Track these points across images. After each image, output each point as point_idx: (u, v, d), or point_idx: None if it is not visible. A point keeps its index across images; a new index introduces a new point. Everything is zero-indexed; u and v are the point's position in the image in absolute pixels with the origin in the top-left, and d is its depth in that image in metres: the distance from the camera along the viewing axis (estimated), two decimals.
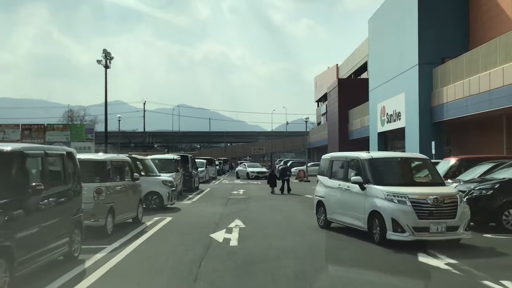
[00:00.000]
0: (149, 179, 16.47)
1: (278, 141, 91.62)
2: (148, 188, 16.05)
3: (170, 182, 17.38)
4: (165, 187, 16.82)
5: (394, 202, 9.80)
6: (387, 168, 11.55)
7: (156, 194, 16.53)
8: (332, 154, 14.04)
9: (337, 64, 69.38)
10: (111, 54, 48.62)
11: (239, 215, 14.78)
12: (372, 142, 39.79)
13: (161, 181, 16.87)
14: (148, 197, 16.19)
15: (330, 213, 12.17)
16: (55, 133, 57.17)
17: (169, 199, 16.76)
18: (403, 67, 31.58)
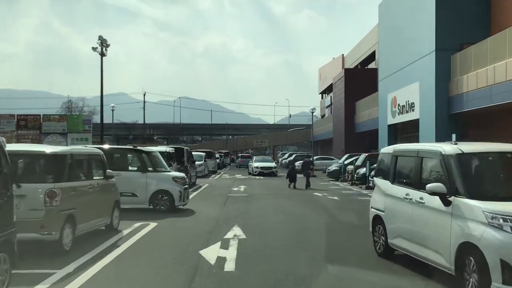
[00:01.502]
0: (157, 175, 14.60)
1: (280, 134, 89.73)
2: (156, 185, 14.33)
3: (182, 178, 15.18)
4: (176, 184, 14.66)
5: (505, 231, 5.83)
6: (488, 170, 7.33)
7: (166, 193, 14.37)
8: (397, 146, 9.52)
9: (343, 54, 67.07)
10: (107, 41, 46.47)
11: (239, 220, 12.64)
12: (382, 135, 37.61)
13: (171, 177, 14.75)
14: (156, 197, 14.25)
15: (393, 237, 8.21)
16: (51, 124, 55.01)
17: (181, 199, 14.61)
18: (417, 54, 29.30)
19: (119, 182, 12.32)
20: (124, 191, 12.88)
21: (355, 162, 27.81)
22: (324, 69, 78.46)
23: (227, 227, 11.30)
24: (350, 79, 50.90)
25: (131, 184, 13.77)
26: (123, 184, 12.71)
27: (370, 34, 52.36)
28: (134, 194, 13.94)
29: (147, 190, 14.14)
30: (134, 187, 13.92)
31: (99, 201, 9.89)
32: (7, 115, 56.86)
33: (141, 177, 14.22)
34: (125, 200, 12.85)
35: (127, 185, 13.42)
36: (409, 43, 30.90)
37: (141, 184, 14.12)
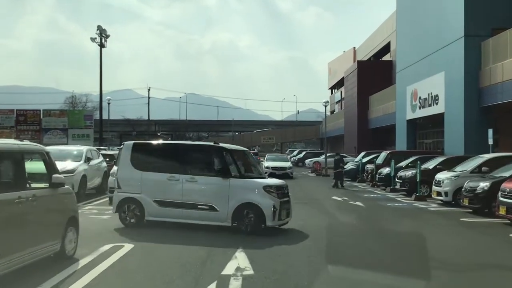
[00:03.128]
0: (244, 182, 10.64)
1: (289, 131, 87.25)
2: (241, 196, 10.42)
3: (279, 188, 10.84)
4: (269, 196, 10.39)
5: None
6: None
7: (253, 208, 10.33)
8: None
9: (354, 47, 64.39)
10: (106, 32, 44.22)
11: (243, 239, 9.53)
12: (400, 131, 35.01)
13: (261, 186, 10.51)
14: (240, 212, 10.38)
15: None
16: (52, 120, 53.02)
17: (275, 217, 10.32)
18: (442, 41, 26.62)
19: (192, 190, 10.61)
20: (200, 203, 10.52)
21: (375, 160, 25.12)
22: (334, 63, 75.81)
23: (227, 251, 8.35)
24: (363, 72, 48.28)
25: (208, 193, 10.62)
26: (197, 193, 10.63)
27: (384, 25, 49.76)
28: (212, 207, 10.46)
29: (229, 203, 10.38)
30: (212, 197, 10.52)
31: (38, 220, 6.70)
32: (6, 110, 54.70)
33: (222, 185, 10.50)
34: (200, 215, 10.51)
35: (203, 195, 10.63)
36: (432, 30, 28.26)
37: (222, 194, 10.44)
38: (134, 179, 10.89)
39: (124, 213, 10.93)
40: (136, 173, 10.92)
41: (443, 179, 16.26)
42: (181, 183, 10.60)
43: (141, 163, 11.04)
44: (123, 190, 11.01)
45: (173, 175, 10.67)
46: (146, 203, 10.69)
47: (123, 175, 11.14)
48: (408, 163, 21.88)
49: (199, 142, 13.16)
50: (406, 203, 17.08)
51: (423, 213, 14.85)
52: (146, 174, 10.91)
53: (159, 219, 10.71)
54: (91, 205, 14.76)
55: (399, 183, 19.96)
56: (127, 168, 11.08)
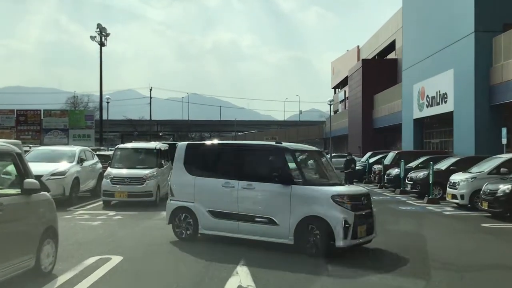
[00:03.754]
0: (309, 190, 8.54)
1: (292, 130, 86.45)
2: (305, 208, 8.37)
3: (356, 197, 8.66)
4: (340, 208, 8.22)
5: None
6: None
7: (319, 223, 8.26)
8: None
9: (358, 46, 63.44)
10: (106, 30, 43.48)
11: (246, 250, 8.56)
12: (406, 131, 34.09)
13: (330, 195, 8.35)
14: (304, 228, 8.33)
15: None
16: (52, 120, 52.59)
17: (347, 235, 8.09)
18: (451, 37, 25.71)
19: (249, 199, 8.95)
20: (257, 215, 8.74)
21: (382, 160, 24.16)
22: (337, 62, 74.90)
23: (227, 266, 7.35)
24: (368, 71, 47.36)
25: (266, 203, 8.82)
26: (255, 203, 8.91)
27: (389, 23, 48.86)
28: (271, 220, 8.60)
29: (291, 216, 8.42)
30: (271, 208, 8.68)
31: (6, 232, 5.74)
32: (6, 111, 54.12)
33: (283, 193, 8.58)
34: (257, 230, 8.71)
35: (261, 205, 8.86)
36: (441, 26, 27.35)
37: (282, 205, 8.55)
38: (187, 185, 9.55)
39: (178, 225, 9.57)
40: (189, 178, 9.59)
41: (458, 181, 15.32)
42: (236, 191, 8.98)
43: (194, 167, 9.70)
44: (176, 198, 9.74)
45: (228, 181, 9.09)
46: (199, 213, 9.29)
47: (176, 181, 9.88)
48: (418, 164, 20.95)
49: (259, 142, 11.30)
50: (419, 206, 16.11)
51: (439, 217, 13.83)
52: (200, 179, 9.50)
53: (214, 233, 9.24)
54: (83, 210, 13.85)
55: (410, 185, 19.01)
56: (180, 172, 9.78)
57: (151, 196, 14.68)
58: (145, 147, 16.98)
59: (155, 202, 14.82)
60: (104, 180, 14.80)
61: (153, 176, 14.91)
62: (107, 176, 14.78)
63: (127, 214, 12.93)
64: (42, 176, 13.61)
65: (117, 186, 14.45)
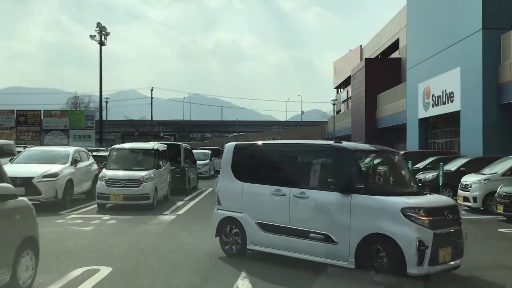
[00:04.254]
0: (374, 201, 6.87)
1: (294, 131, 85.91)
2: (369, 224, 6.76)
3: (435, 210, 6.95)
4: (413, 224, 6.56)
5: None
6: None
7: (385, 243, 6.64)
8: None
9: (361, 45, 62.78)
10: (106, 29, 43.06)
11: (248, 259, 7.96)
12: (411, 131, 33.43)
13: (399, 207, 6.65)
14: (368, 248, 6.75)
15: None
16: (53, 120, 52.32)
17: (423, 260, 6.43)
18: (458, 35, 25.05)
19: (302, 209, 7.40)
20: (312, 229, 7.24)
21: None
22: (339, 62, 74.25)
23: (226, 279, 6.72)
24: (371, 70, 46.70)
25: (323, 215, 7.25)
26: (309, 215, 7.43)
27: (393, 21, 48.24)
28: (327, 237, 7.06)
29: (352, 232, 6.85)
30: (328, 222, 7.13)
31: None
32: (6, 111, 53.72)
33: (341, 203, 7.03)
34: (312, 248, 7.24)
35: (316, 218, 7.33)
36: (447, 24, 26.69)
37: (341, 218, 6.99)
38: (235, 192, 8.36)
39: (226, 239, 8.36)
40: (236, 184, 8.39)
41: (471, 182, 14.66)
42: (288, 200, 7.61)
43: (242, 171, 8.52)
44: (223, 207, 8.57)
45: (279, 188, 7.77)
46: (248, 226, 8.07)
47: (222, 187, 8.71)
48: (426, 165, 20.27)
49: (314, 141, 9.85)
50: None
51: None
52: (248, 186, 8.27)
53: (263, 249, 7.95)
54: (76, 213, 13.23)
55: None
56: (227, 177, 8.62)
57: (148, 199, 14.05)
58: (142, 147, 16.32)
59: (152, 205, 14.21)
60: (99, 182, 14.17)
61: (150, 178, 14.29)
62: (101, 178, 14.15)
63: (122, 219, 12.32)
64: (33, 178, 13.07)
65: (112, 189, 13.84)
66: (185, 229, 10.93)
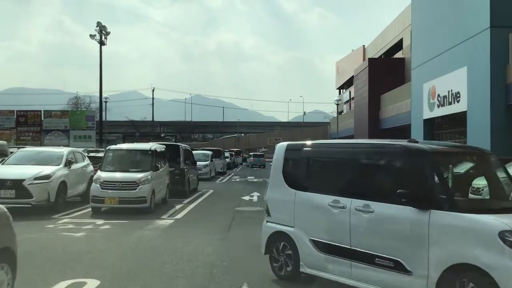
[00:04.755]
0: (460, 219, 5.16)
1: (296, 131, 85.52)
2: (452, 249, 5.13)
3: None
4: None
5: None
6: None
7: (479, 279, 4.87)
8: None
9: (364, 45, 62.26)
10: (106, 28, 42.63)
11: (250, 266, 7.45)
12: (416, 131, 32.75)
13: (496, 232, 4.84)
14: (451, 282, 5.06)
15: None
16: (53, 121, 51.96)
17: None
18: (465, 34, 24.41)
19: (366, 227, 5.95)
20: (378, 253, 5.76)
21: None
22: (342, 62, 73.73)
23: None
24: (375, 70, 46.15)
25: (392, 236, 5.76)
26: (375, 234, 5.90)
27: (397, 21, 47.72)
28: (399, 264, 5.57)
29: (432, 261, 5.28)
30: (399, 245, 5.65)
31: None
32: (6, 111, 53.34)
33: (417, 222, 5.48)
34: (379, 279, 5.73)
35: (384, 239, 5.82)
36: (453, 22, 26.07)
37: (416, 241, 5.49)
38: (286, 202, 7.01)
39: (276, 258, 7.06)
40: (288, 192, 7.04)
41: (482, 186, 14.05)
42: (348, 214, 6.13)
43: (294, 177, 7.18)
44: (272, 219, 7.25)
45: (337, 198, 6.31)
46: (301, 243, 6.70)
47: (272, 196, 7.36)
48: None
49: (383, 141, 6.74)
50: None
51: None
52: (301, 195, 6.89)
53: (319, 273, 6.49)
54: (69, 217, 12.63)
55: None
56: (277, 184, 7.27)
57: (145, 203, 13.45)
58: (139, 148, 15.70)
59: (149, 208, 13.63)
60: (93, 185, 13.56)
61: (147, 180, 13.70)
62: (96, 180, 13.55)
63: (117, 223, 11.72)
64: (24, 180, 12.51)
65: (107, 191, 13.24)
66: (182, 235, 10.32)
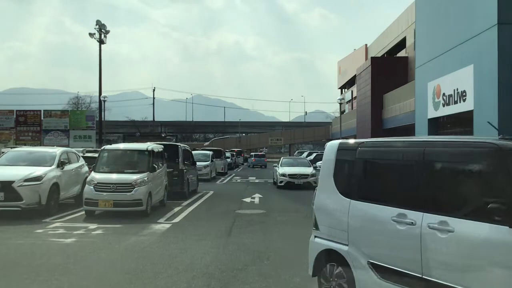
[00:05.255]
0: None
1: (297, 131, 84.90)
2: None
3: None
4: None
5: None
6: None
7: None
8: None
9: (366, 44, 61.61)
10: (106, 27, 42.14)
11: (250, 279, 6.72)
12: (419, 131, 32.13)
13: None
14: None
15: None
16: (53, 121, 51.41)
17: None
18: (471, 31, 23.77)
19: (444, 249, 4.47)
20: (460, 285, 4.26)
21: None
22: (344, 61, 73.07)
23: None
24: (378, 69, 45.59)
25: (480, 265, 4.22)
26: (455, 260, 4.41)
27: (399, 19, 47.10)
28: None
29: None
30: (492, 278, 4.07)
31: None
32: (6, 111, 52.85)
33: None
34: None
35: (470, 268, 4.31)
36: (459, 19, 25.45)
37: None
38: (339, 213, 5.67)
39: (326, 283, 5.72)
40: (341, 202, 5.67)
41: None
42: (419, 233, 4.71)
43: (348, 183, 5.76)
44: (321, 233, 5.88)
45: (404, 212, 4.92)
46: (356, 266, 5.34)
47: (321, 205, 6.00)
48: None
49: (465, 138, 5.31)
50: None
51: None
52: (357, 205, 5.49)
53: None
54: (61, 221, 12.00)
55: None
56: (328, 191, 5.91)
57: (141, 205, 12.80)
58: (135, 148, 15.00)
59: (146, 212, 13.00)
60: (87, 187, 12.91)
61: (144, 182, 13.06)
62: (90, 182, 12.90)
63: (110, 228, 11.09)
64: (13, 182, 11.91)
65: (101, 194, 12.59)
66: (179, 241, 9.69)
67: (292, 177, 23.65)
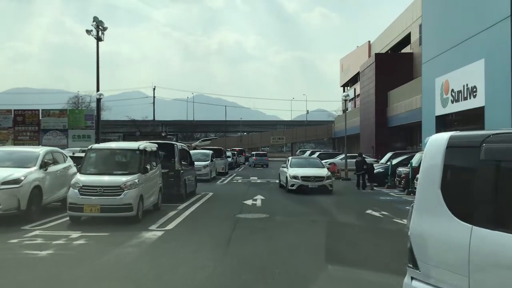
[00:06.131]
0: None
1: (299, 130, 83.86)
2: None
3: None
4: None
5: None
6: None
7: None
8: None
9: (369, 41, 60.49)
10: (103, 24, 41.10)
11: None
12: (427, 129, 31.07)
13: None
14: None
15: None
16: (51, 120, 50.35)
17: None
18: (482, 24, 22.73)
19: None
20: None
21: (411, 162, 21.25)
22: (346, 59, 71.97)
23: None
24: (382, 66, 44.52)
25: None
26: None
27: (404, 15, 46.00)
28: None
29: None
30: None
31: None
32: (4, 110, 51.90)
33: None
34: None
35: None
36: (468, 12, 24.38)
37: None
38: (452, 245, 3.82)
39: None
40: (456, 228, 3.79)
41: None
42: None
43: (467, 200, 3.86)
44: (424, 275, 4.07)
45: None
46: None
47: (423, 230, 4.13)
48: None
49: None
50: None
51: None
52: (484, 234, 3.58)
53: None
54: (41, 229, 10.86)
55: None
56: (432, 209, 4.06)
57: (131, 211, 11.64)
58: (125, 147, 13.70)
59: (137, 217, 11.86)
60: (71, 190, 11.72)
61: (134, 185, 11.90)
62: (74, 184, 11.71)
63: (95, 237, 9.94)
64: None
65: (87, 198, 11.43)
66: (171, 253, 8.60)
67: (305, 179, 20.72)
